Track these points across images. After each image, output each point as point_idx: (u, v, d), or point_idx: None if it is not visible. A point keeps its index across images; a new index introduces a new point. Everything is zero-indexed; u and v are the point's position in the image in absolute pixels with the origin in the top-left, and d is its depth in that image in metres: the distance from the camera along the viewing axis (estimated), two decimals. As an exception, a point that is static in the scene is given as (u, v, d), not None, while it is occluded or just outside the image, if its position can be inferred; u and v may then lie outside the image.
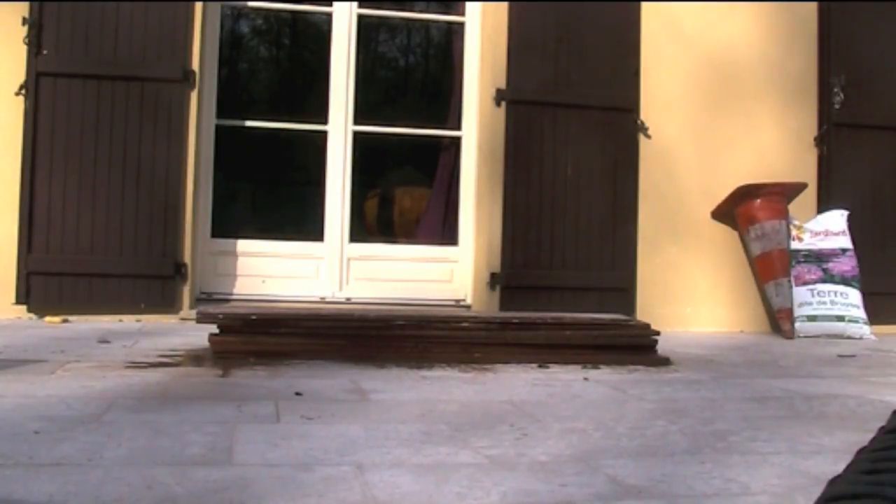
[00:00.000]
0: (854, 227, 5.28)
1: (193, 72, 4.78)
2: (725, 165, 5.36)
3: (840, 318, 5.13)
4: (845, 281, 5.20)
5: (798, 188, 5.35)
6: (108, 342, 3.73)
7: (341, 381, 2.94)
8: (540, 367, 3.41)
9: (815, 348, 4.60)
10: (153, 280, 4.70)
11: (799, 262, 5.26)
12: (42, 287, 4.60)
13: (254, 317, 3.57)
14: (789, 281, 5.15)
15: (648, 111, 5.25)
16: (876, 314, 5.21)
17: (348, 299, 5.08)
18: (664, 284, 5.22)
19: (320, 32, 5.74)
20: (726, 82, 5.41)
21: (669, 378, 3.29)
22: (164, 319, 4.65)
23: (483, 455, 1.95)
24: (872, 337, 5.07)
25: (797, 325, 5.11)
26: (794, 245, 5.27)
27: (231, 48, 6.43)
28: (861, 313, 5.15)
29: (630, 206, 5.21)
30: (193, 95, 4.79)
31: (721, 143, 5.39)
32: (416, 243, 5.58)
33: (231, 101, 5.85)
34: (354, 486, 1.66)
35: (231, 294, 5.00)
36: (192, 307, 4.68)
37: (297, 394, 2.63)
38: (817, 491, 0.75)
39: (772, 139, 5.46)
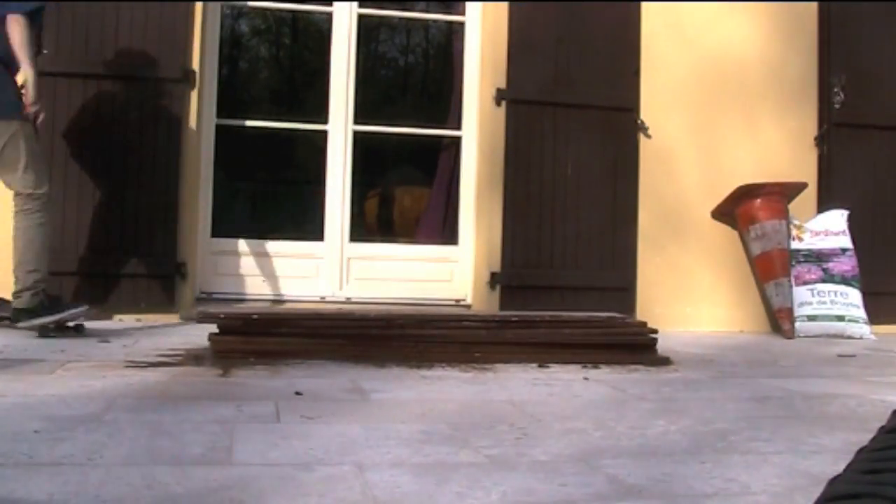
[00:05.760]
0: (854, 227, 5.28)
1: (193, 71, 4.78)
2: (725, 165, 5.36)
3: (840, 318, 5.13)
4: (845, 281, 5.20)
5: (798, 188, 5.35)
6: (108, 342, 3.73)
7: (341, 380, 2.94)
8: (540, 366, 3.42)
9: (815, 348, 4.60)
10: (153, 279, 4.70)
11: (799, 262, 5.26)
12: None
13: (255, 316, 3.57)
14: (789, 281, 5.15)
15: (648, 111, 5.25)
16: (876, 314, 5.21)
17: (348, 299, 5.08)
18: (664, 284, 5.23)
19: (320, 32, 5.74)
20: (726, 82, 5.41)
21: (669, 378, 3.29)
22: (165, 319, 4.65)
23: (483, 455, 1.95)
24: (872, 337, 5.07)
25: (797, 324, 5.11)
26: (794, 245, 5.27)
27: (231, 47, 6.44)
28: (861, 313, 5.15)
29: (630, 206, 5.21)
30: (193, 95, 4.79)
31: (721, 143, 5.39)
32: (416, 243, 5.58)
33: (231, 100, 5.86)
34: (354, 485, 1.66)
35: (231, 294, 5.00)
36: (192, 307, 4.68)
37: (298, 393, 2.63)
38: (817, 491, 0.75)
39: (772, 139, 5.46)
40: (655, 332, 3.74)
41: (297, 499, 1.56)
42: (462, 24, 5.39)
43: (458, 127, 5.37)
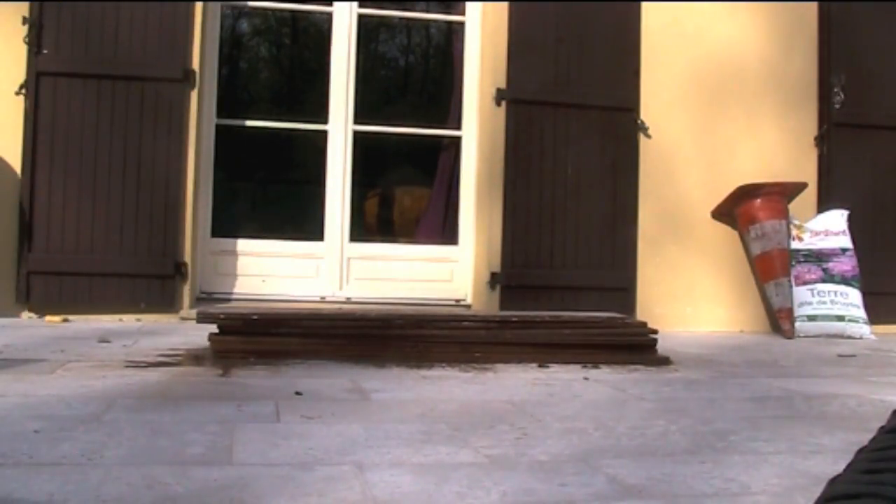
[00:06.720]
0: (854, 226, 5.28)
1: (194, 71, 4.78)
2: (725, 165, 5.36)
3: (840, 318, 5.13)
4: (845, 281, 5.20)
5: (798, 188, 5.35)
6: (108, 342, 3.73)
7: (341, 380, 2.94)
8: (540, 366, 3.42)
9: (815, 348, 4.60)
10: (153, 279, 4.70)
11: (799, 262, 5.26)
12: (42, 287, 4.60)
13: (255, 316, 3.57)
14: (789, 281, 5.15)
15: (648, 111, 5.25)
16: (876, 314, 5.21)
17: (348, 299, 5.08)
18: (664, 284, 5.23)
19: (320, 32, 5.74)
20: (726, 82, 5.41)
21: (669, 378, 3.29)
22: (165, 319, 4.65)
23: (483, 454, 1.95)
24: (872, 337, 5.07)
25: (797, 324, 5.11)
26: (794, 245, 5.27)
27: (231, 47, 6.43)
28: (861, 313, 5.15)
29: (630, 206, 5.21)
30: (194, 95, 4.79)
31: (721, 143, 5.39)
32: (416, 243, 5.58)
33: (231, 100, 5.86)
34: (354, 485, 1.66)
35: (231, 293, 5.00)
36: (192, 307, 4.68)
37: (298, 393, 2.63)
38: (817, 491, 0.75)
39: (772, 139, 5.46)
40: (655, 332, 3.74)
41: (297, 499, 1.56)
42: (462, 24, 5.39)
43: (458, 127, 5.37)
